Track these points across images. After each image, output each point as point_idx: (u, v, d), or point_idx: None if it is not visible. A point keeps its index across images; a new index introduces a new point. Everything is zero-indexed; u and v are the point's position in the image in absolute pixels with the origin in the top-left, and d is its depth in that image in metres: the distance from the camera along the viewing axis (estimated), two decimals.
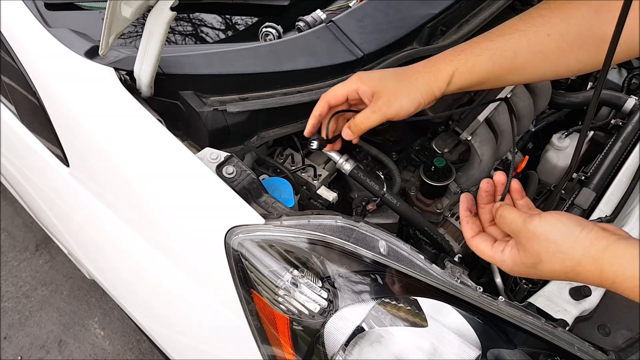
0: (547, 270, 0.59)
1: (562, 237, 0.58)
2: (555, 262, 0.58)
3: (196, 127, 0.86)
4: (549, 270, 0.59)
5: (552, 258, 0.58)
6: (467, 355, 0.69)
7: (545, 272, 0.60)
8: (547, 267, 0.59)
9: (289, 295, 0.70)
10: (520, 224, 0.61)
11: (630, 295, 0.54)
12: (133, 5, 0.72)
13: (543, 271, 0.60)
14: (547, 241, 0.59)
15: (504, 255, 0.64)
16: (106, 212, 0.96)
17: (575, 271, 0.57)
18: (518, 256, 0.62)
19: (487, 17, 1.08)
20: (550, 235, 0.59)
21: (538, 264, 0.60)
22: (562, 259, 0.58)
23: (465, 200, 0.72)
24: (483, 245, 0.67)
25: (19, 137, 1.14)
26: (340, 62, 0.90)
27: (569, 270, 0.58)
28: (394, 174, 1.06)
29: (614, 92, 1.28)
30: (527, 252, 0.61)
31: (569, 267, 0.57)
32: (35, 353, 1.75)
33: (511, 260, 0.63)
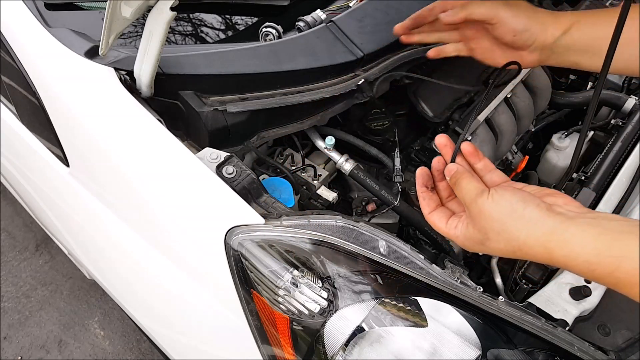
0: (495, 248, 0.58)
1: (505, 215, 0.56)
2: (501, 241, 0.57)
3: (196, 127, 0.86)
4: (497, 248, 0.58)
5: (497, 237, 0.57)
6: (467, 355, 0.69)
7: (494, 250, 0.58)
8: (494, 245, 0.58)
9: (289, 295, 0.70)
10: (472, 197, 0.60)
11: (581, 275, 0.53)
12: (133, 5, 0.72)
13: (491, 248, 0.59)
14: (492, 219, 0.57)
15: (457, 230, 0.63)
16: (106, 212, 0.96)
17: (522, 251, 0.56)
18: (467, 231, 0.61)
19: None
20: (494, 213, 0.57)
21: (485, 241, 0.58)
22: (507, 238, 0.56)
23: (420, 176, 0.69)
24: (439, 221, 0.66)
25: (19, 137, 1.14)
26: (340, 62, 0.90)
27: (515, 250, 0.56)
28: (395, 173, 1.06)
29: (614, 92, 1.28)
30: (476, 227, 0.59)
31: (515, 247, 0.56)
32: (35, 353, 1.75)
33: (463, 235, 0.62)
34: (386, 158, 1.06)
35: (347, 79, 0.91)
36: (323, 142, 1.00)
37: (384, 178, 1.14)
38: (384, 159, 1.06)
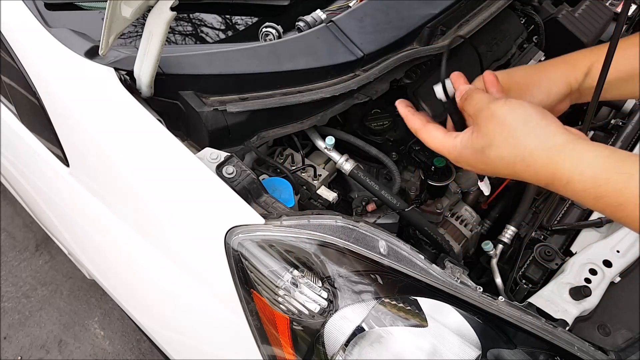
0: (494, 156, 0.55)
1: (519, 122, 0.55)
2: (505, 147, 0.55)
3: (196, 127, 0.86)
4: (496, 156, 0.55)
5: (503, 143, 0.55)
6: (467, 355, 0.69)
7: (492, 158, 0.56)
8: (495, 153, 0.55)
9: (289, 295, 0.70)
10: (484, 103, 0.58)
11: (579, 198, 0.51)
12: (133, 5, 0.72)
13: (490, 157, 0.56)
14: (503, 124, 0.55)
15: (456, 139, 0.61)
16: (106, 212, 0.96)
17: (524, 161, 0.53)
18: (470, 138, 0.59)
19: (487, 17, 1.08)
20: (507, 117, 0.55)
21: (487, 147, 0.56)
22: (514, 144, 0.54)
23: (401, 101, 0.70)
24: (435, 132, 0.64)
25: (19, 137, 1.14)
26: (340, 62, 0.90)
27: (518, 159, 0.54)
28: (394, 174, 1.06)
29: None
30: (481, 132, 0.57)
31: (518, 155, 0.54)
32: (35, 353, 1.75)
33: (461, 143, 0.59)
34: (386, 158, 1.06)
35: (347, 79, 0.91)
36: (323, 142, 1.00)
37: (384, 178, 1.14)
38: (384, 159, 1.06)
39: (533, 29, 1.30)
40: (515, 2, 1.29)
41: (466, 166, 0.61)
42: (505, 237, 1.08)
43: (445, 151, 0.62)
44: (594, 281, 0.88)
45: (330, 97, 0.89)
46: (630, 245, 0.94)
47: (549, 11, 1.33)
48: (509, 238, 1.08)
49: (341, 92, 0.89)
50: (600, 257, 0.93)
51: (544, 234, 1.06)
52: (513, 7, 1.27)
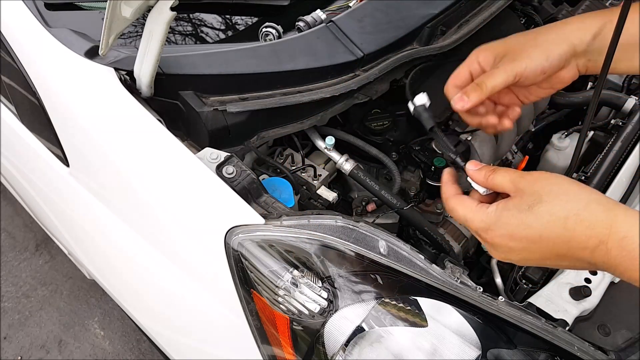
0: (544, 212, 0.51)
1: (567, 181, 0.53)
2: (557, 203, 0.51)
3: (196, 127, 0.86)
4: (547, 212, 0.51)
5: (553, 199, 0.51)
6: (467, 355, 0.69)
7: (542, 214, 0.52)
8: (545, 209, 0.52)
9: (289, 295, 0.70)
10: (520, 174, 0.56)
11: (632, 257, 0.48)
12: (133, 5, 0.72)
13: (539, 214, 0.52)
14: (551, 183, 0.53)
15: (491, 207, 0.56)
16: (106, 212, 0.96)
17: (578, 216, 0.50)
18: (511, 201, 0.55)
19: (487, 17, 1.08)
20: (555, 179, 0.53)
21: (535, 205, 0.52)
22: (566, 200, 0.51)
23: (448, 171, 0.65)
24: (468, 201, 0.59)
25: (19, 137, 1.14)
26: (340, 62, 0.90)
27: (571, 214, 0.50)
28: (394, 174, 1.06)
29: (614, 92, 1.28)
30: (525, 194, 0.53)
31: (572, 210, 0.50)
32: (35, 353, 1.75)
33: (500, 208, 0.55)
34: (386, 158, 1.06)
35: (347, 79, 0.91)
36: (323, 142, 1.00)
37: (384, 178, 1.14)
38: (384, 159, 1.06)
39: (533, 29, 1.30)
40: (515, 2, 1.29)
41: (499, 237, 0.55)
42: None
43: (478, 219, 0.57)
44: (594, 281, 0.88)
45: (330, 97, 0.89)
46: None
47: (549, 11, 1.33)
48: None
49: (341, 92, 0.89)
50: None
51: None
52: (513, 7, 1.27)
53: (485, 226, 0.56)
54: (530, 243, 0.53)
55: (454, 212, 0.61)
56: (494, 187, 0.60)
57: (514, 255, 0.56)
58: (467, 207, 0.59)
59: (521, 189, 0.55)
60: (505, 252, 0.56)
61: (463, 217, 0.59)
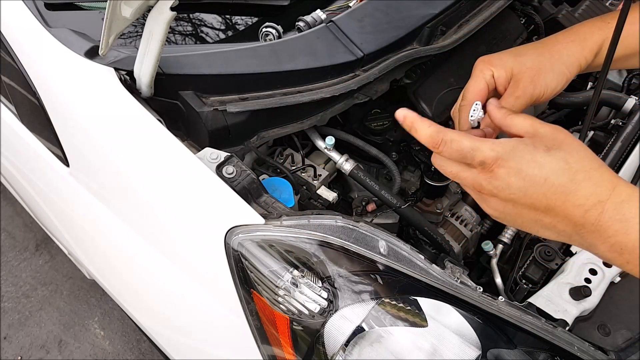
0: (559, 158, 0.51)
1: (585, 145, 0.53)
2: (574, 155, 0.51)
3: (196, 127, 0.86)
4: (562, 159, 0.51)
5: (572, 150, 0.51)
6: (467, 355, 0.69)
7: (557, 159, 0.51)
8: (561, 155, 0.51)
9: (289, 295, 0.70)
10: (542, 122, 0.55)
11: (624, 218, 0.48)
12: (133, 5, 0.72)
13: (554, 157, 0.51)
14: (572, 138, 0.52)
15: (503, 139, 0.54)
16: (106, 212, 0.96)
17: (588, 173, 0.50)
18: (529, 139, 0.53)
19: (487, 17, 1.08)
20: (576, 139, 0.53)
21: (553, 148, 0.51)
22: (583, 156, 0.51)
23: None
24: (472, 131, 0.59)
25: (19, 137, 1.14)
26: (340, 62, 0.90)
27: (583, 169, 0.50)
28: (394, 174, 1.06)
29: (614, 92, 1.28)
30: (545, 137, 0.53)
31: (585, 166, 0.50)
32: (35, 353, 1.75)
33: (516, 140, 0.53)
34: (386, 158, 1.06)
35: (347, 79, 0.91)
36: (323, 142, 1.00)
37: (384, 178, 1.14)
38: (384, 159, 1.06)
39: (533, 29, 1.30)
40: (515, 2, 1.29)
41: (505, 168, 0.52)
42: (505, 237, 1.08)
43: (488, 147, 0.53)
44: (594, 281, 0.88)
45: (330, 97, 0.89)
46: None
47: (549, 11, 1.33)
48: (509, 238, 1.08)
49: (341, 92, 0.89)
50: None
51: None
52: (513, 7, 1.27)
53: (495, 155, 0.52)
54: (531, 184, 0.51)
55: (456, 143, 0.54)
56: (510, 127, 0.58)
57: (506, 193, 0.53)
58: (474, 137, 0.55)
59: (540, 132, 0.54)
60: (501, 187, 0.53)
61: (470, 146, 0.54)
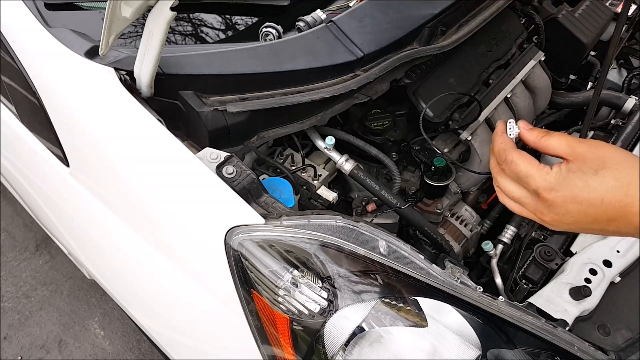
0: (609, 177, 0.53)
1: (625, 152, 0.54)
2: (621, 169, 0.52)
3: (196, 127, 0.86)
4: (612, 177, 0.53)
5: (617, 165, 0.53)
6: (467, 355, 0.69)
7: (607, 179, 0.53)
8: (610, 174, 0.53)
9: (289, 295, 0.70)
10: (577, 139, 0.56)
11: None
12: (133, 5, 0.72)
13: (604, 178, 0.53)
14: (612, 151, 0.54)
15: (553, 169, 0.56)
16: (106, 212, 0.96)
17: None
18: (574, 164, 0.55)
19: (487, 17, 1.08)
20: (614, 147, 0.54)
21: (601, 169, 0.53)
22: (630, 167, 0.52)
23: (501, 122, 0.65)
24: (530, 156, 0.59)
25: (19, 137, 1.14)
26: (340, 62, 0.90)
27: (634, 180, 0.51)
28: (394, 174, 1.06)
29: (614, 92, 1.28)
30: (588, 159, 0.54)
31: (635, 176, 0.51)
32: (35, 353, 1.75)
33: (565, 170, 0.55)
34: (386, 158, 1.06)
35: (347, 79, 0.91)
36: (323, 142, 1.00)
37: (384, 178, 1.14)
38: (384, 159, 1.06)
39: (533, 29, 1.30)
40: (515, 2, 1.29)
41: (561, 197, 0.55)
42: (505, 237, 1.08)
43: (541, 177, 0.56)
44: (594, 281, 0.88)
45: (330, 97, 0.89)
46: (630, 246, 0.94)
47: (549, 11, 1.33)
48: (509, 238, 1.08)
49: (341, 92, 0.89)
50: (600, 257, 0.93)
51: (544, 234, 1.06)
52: (513, 7, 1.27)
53: (548, 185, 0.56)
54: (589, 206, 0.54)
55: (515, 165, 0.59)
56: (546, 149, 0.59)
57: (567, 217, 0.56)
58: (531, 163, 0.58)
59: (581, 154, 0.55)
60: (561, 214, 0.56)
61: (525, 171, 0.58)
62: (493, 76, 1.16)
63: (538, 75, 1.22)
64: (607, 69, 0.61)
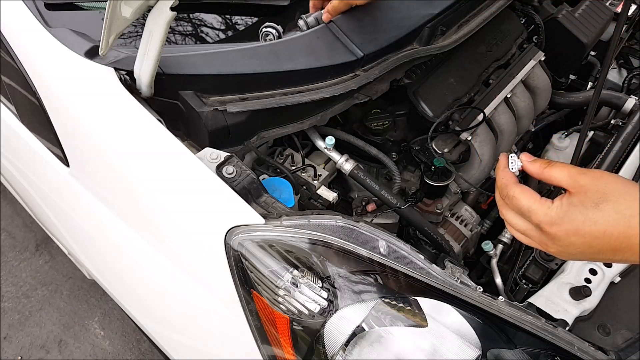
0: (610, 210, 0.53)
1: (627, 182, 0.54)
2: (622, 202, 0.53)
3: (196, 127, 0.86)
4: (613, 210, 0.53)
5: (619, 197, 0.53)
6: (467, 355, 0.69)
7: (608, 212, 0.53)
8: (611, 207, 0.53)
9: (289, 295, 0.70)
10: (579, 170, 0.57)
11: None
12: (133, 5, 0.72)
13: (606, 212, 0.53)
14: (614, 181, 0.54)
15: (554, 202, 0.57)
16: (106, 212, 0.96)
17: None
18: (575, 197, 0.56)
19: (487, 17, 1.08)
20: (616, 177, 0.54)
21: (602, 202, 0.54)
22: (631, 199, 0.53)
23: (503, 155, 0.66)
24: (531, 191, 0.60)
25: (19, 137, 1.14)
26: (340, 62, 0.90)
27: (635, 213, 0.52)
28: (394, 174, 1.06)
29: (614, 92, 1.28)
30: (589, 191, 0.55)
31: (636, 208, 0.52)
32: (35, 353, 1.75)
33: (566, 203, 0.56)
34: (386, 158, 1.06)
35: (347, 79, 0.91)
36: (323, 142, 1.00)
37: (384, 178, 1.14)
38: (384, 159, 1.06)
39: (533, 29, 1.30)
40: (515, 2, 1.29)
41: (563, 231, 0.56)
42: (505, 237, 1.08)
43: (542, 212, 0.57)
44: (594, 281, 0.88)
45: (330, 97, 0.89)
46: None
47: (549, 11, 1.33)
48: (509, 238, 1.08)
49: (341, 92, 0.89)
50: None
51: None
52: (513, 7, 1.27)
53: (550, 220, 0.57)
54: (592, 239, 0.55)
55: (516, 200, 0.60)
56: (549, 179, 0.60)
57: (572, 249, 0.57)
58: (532, 197, 0.59)
59: (583, 186, 0.56)
60: (565, 246, 0.57)
61: (527, 207, 0.59)
62: (493, 76, 1.16)
63: (538, 75, 1.22)
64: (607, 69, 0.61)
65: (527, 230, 0.61)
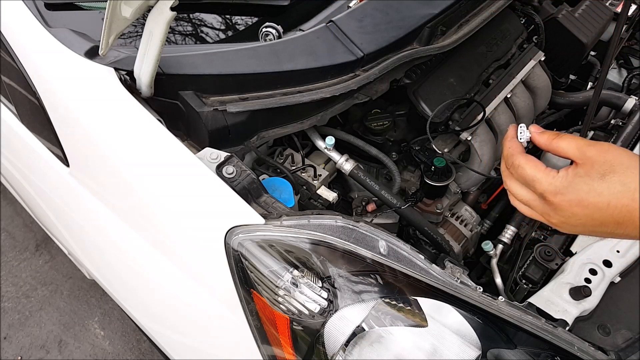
0: (616, 182, 0.53)
1: (635, 156, 0.53)
2: (629, 174, 0.52)
3: (196, 127, 0.86)
4: (619, 182, 0.53)
5: (625, 170, 0.53)
6: (467, 355, 0.69)
7: (614, 184, 0.53)
8: (617, 179, 0.53)
9: (289, 295, 0.70)
10: (587, 142, 0.56)
11: None
12: (133, 5, 0.72)
13: (611, 183, 0.53)
14: (622, 155, 0.54)
15: (559, 172, 0.57)
16: (106, 212, 0.96)
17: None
18: (581, 168, 0.55)
19: (487, 17, 1.08)
20: (625, 151, 0.54)
21: (608, 174, 0.53)
22: (638, 172, 0.52)
23: (513, 125, 0.65)
24: (537, 160, 0.60)
25: (19, 137, 1.14)
26: (340, 62, 0.90)
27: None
28: (394, 174, 1.06)
29: (614, 92, 1.28)
30: (596, 162, 0.54)
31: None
32: (35, 353, 1.75)
33: (571, 174, 0.56)
34: (386, 158, 1.06)
35: (347, 79, 0.91)
36: (323, 142, 1.00)
37: (384, 178, 1.14)
38: (384, 159, 1.06)
39: (533, 29, 1.30)
40: (515, 2, 1.29)
41: (567, 201, 0.56)
42: (505, 237, 1.08)
43: (547, 181, 0.57)
44: (594, 281, 0.88)
45: (330, 97, 0.89)
46: (630, 246, 0.94)
47: (549, 11, 1.33)
48: (509, 238, 1.08)
49: (341, 92, 0.89)
50: (600, 257, 0.93)
51: (544, 234, 1.06)
52: (513, 7, 1.27)
53: (554, 189, 0.57)
54: (595, 210, 0.54)
55: (521, 170, 0.60)
56: (557, 151, 0.60)
57: (574, 220, 0.57)
58: (537, 167, 0.59)
59: (590, 157, 0.56)
60: (567, 216, 0.57)
61: (531, 176, 0.59)
62: (493, 76, 1.16)
63: (538, 75, 1.22)
64: (607, 69, 0.61)
65: (530, 200, 0.60)
